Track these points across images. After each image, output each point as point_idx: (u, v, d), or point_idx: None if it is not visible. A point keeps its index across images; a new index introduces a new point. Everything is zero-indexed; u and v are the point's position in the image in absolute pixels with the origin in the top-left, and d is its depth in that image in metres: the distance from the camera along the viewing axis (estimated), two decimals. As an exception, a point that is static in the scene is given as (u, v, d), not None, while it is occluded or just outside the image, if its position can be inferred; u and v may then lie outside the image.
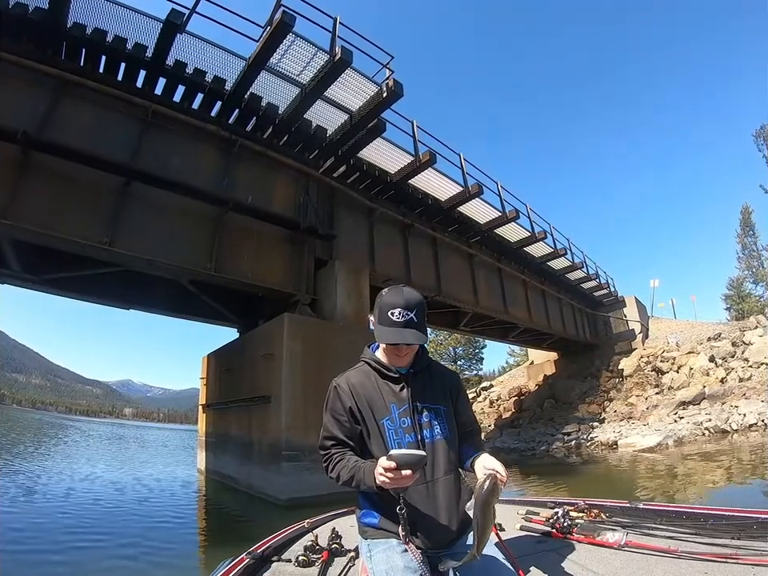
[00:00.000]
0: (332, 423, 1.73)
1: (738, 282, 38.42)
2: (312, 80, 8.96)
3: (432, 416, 1.69)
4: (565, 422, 20.25)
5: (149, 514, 7.89)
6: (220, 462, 11.77)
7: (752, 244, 38.53)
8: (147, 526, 6.97)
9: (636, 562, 2.02)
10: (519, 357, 44.14)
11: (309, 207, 10.73)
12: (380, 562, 1.57)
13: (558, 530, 2.50)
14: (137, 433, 55.46)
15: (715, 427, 13.99)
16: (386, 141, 11.12)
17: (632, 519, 2.61)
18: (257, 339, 10.51)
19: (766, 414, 13.59)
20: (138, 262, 8.86)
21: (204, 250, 9.27)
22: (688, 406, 17.06)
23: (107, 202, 8.40)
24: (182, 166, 9.31)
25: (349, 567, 2.21)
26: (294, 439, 8.61)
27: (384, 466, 1.38)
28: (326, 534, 2.56)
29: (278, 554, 2.39)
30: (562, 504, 2.90)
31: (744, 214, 38.98)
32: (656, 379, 20.44)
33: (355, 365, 1.90)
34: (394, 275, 12.69)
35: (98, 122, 8.59)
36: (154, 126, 9.18)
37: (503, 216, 14.80)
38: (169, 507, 8.71)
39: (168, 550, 5.82)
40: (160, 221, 8.97)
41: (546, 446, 17.76)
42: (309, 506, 7.92)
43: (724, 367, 18.70)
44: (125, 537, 6.18)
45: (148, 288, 11.29)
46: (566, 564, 2.09)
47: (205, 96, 9.55)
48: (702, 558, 1.92)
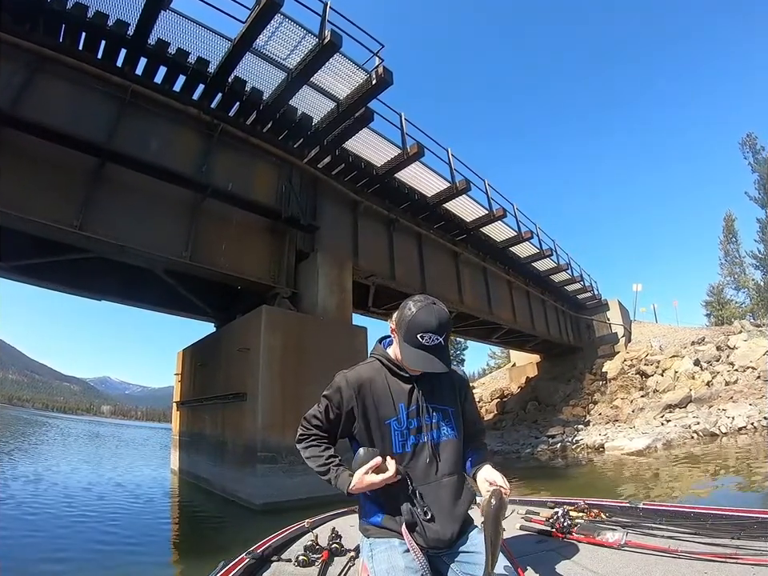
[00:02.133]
0: (326, 410, 1.74)
1: (718, 288, 38.85)
2: (299, 64, 8.62)
3: (440, 417, 1.70)
4: (549, 425, 20.16)
5: (110, 519, 7.28)
6: (193, 462, 11.30)
7: (734, 251, 38.94)
8: (104, 530, 6.47)
9: (636, 561, 2.00)
10: (501, 359, 44.28)
11: (291, 196, 10.36)
12: (381, 562, 1.55)
13: (558, 529, 2.46)
14: (114, 431, 54.54)
15: (704, 430, 13.94)
16: (374, 132, 10.81)
17: (632, 519, 2.57)
18: (233, 333, 10.10)
19: (755, 417, 13.58)
20: (109, 248, 8.41)
21: (180, 238, 8.86)
22: (675, 409, 17.05)
23: (80, 184, 7.96)
24: (161, 149, 8.91)
25: (349, 567, 2.19)
26: (270, 440, 8.19)
27: (368, 468, 1.54)
28: (326, 533, 2.52)
29: (277, 554, 2.37)
30: (562, 504, 2.84)
31: (727, 222, 39.42)
32: (640, 382, 20.53)
33: (366, 360, 1.84)
34: (378, 271, 12.45)
35: (75, 101, 8.18)
36: (133, 107, 8.77)
37: (490, 214, 14.61)
38: (136, 511, 8.15)
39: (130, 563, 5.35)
40: (134, 205, 8.55)
41: (531, 448, 17.56)
42: (286, 511, 7.47)
43: (709, 371, 18.79)
44: (81, 547, 5.71)
45: (122, 278, 10.75)
46: (565, 564, 2.06)
47: (187, 78, 9.16)
48: (701, 557, 1.90)
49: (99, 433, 45.09)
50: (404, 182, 12.58)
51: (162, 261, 9.01)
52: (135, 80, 8.79)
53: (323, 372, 9.28)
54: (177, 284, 10.18)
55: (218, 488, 9.43)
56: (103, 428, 63.23)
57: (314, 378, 9.01)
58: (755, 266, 36.60)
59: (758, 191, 35.86)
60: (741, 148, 37.36)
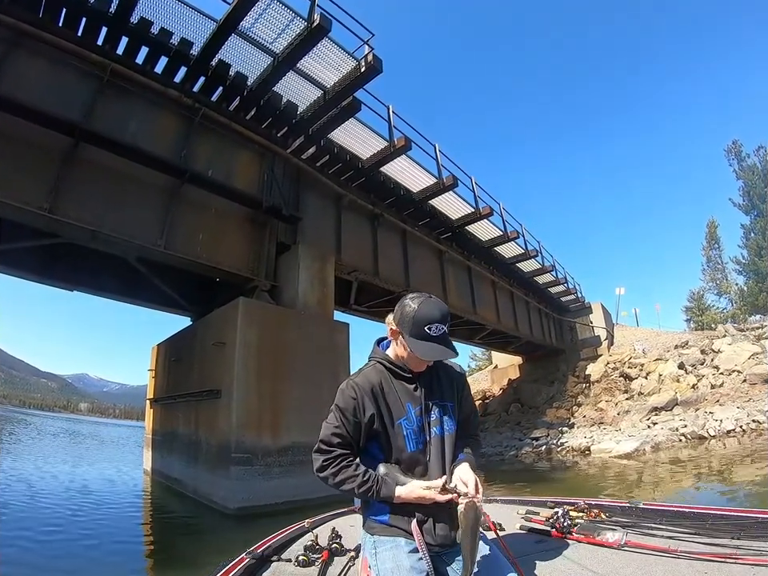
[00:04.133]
0: (343, 423, 1.66)
1: (698, 294, 39.38)
2: (286, 48, 8.29)
3: (441, 412, 1.73)
4: (533, 427, 20.11)
5: (78, 525, 6.66)
6: (166, 462, 10.77)
7: (717, 257, 39.81)
8: (71, 539, 5.92)
9: (636, 561, 2.01)
10: (481, 361, 44.25)
11: (274, 186, 10.01)
12: (386, 560, 1.56)
13: (558, 529, 2.46)
14: (93, 429, 53.78)
15: (692, 433, 13.94)
16: (360, 123, 10.53)
17: (632, 519, 2.59)
18: (209, 326, 9.65)
19: (744, 419, 13.63)
20: (80, 234, 7.98)
21: (155, 225, 8.48)
22: (660, 411, 17.10)
23: (51, 165, 7.54)
24: (138, 130, 8.54)
25: (349, 567, 2.19)
26: (245, 440, 7.78)
27: (434, 492, 1.55)
28: (326, 533, 2.53)
29: (277, 554, 2.38)
30: (561, 504, 2.87)
31: (710, 228, 40.14)
32: (625, 385, 20.60)
33: (366, 363, 1.86)
34: (361, 267, 12.17)
35: (51, 78, 7.77)
36: (112, 87, 8.36)
37: (476, 212, 14.41)
38: (102, 515, 7.48)
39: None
40: (108, 189, 8.13)
41: (515, 450, 17.44)
42: (262, 516, 7.15)
43: (694, 374, 18.91)
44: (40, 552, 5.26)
45: (95, 268, 10.31)
46: (565, 564, 2.08)
47: (169, 60, 8.79)
48: (701, 557, 1.91)
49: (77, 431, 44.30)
50: (390, 176, 12.32)
51: (136, 248, 8.60)
52: (115, 59, 8.40)
53: (303, 369, 8.89)
54: (151, 274, 9.74)
55: (190, 490, 8.94)
56: (81, 426, 62.37)
57: (293, 374, 8.70)
58: (738, 271, 37.45)
59: (743, 198, 36.89)
60: (726, 155, 38.30)
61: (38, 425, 46.63)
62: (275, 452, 8.05)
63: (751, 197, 36.08)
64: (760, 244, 34.70)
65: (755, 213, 35.99)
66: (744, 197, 36.80)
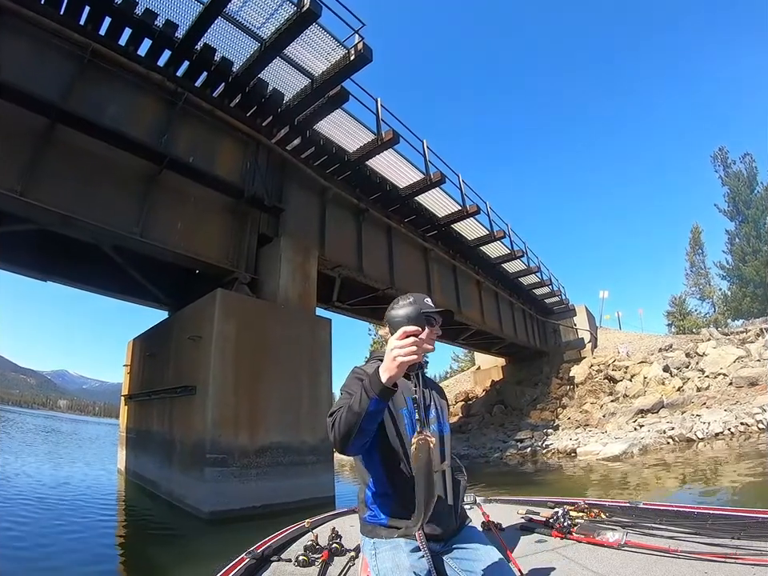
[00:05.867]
0: (357, 383, 1.59)
1: (679, 299, 39.95)
2: (274, 33, 8.03)
3: (437, 413, 1.78)
4: (517, 429, 20.10)
5: (40, 531, 6.21)
6: (140, 462, 10.34)
7: (700, 262, 40.76)
8: (31, 545, 5.50)
9: (636, 561, 2.02)
10: (464, 362, 44.30)
11: (256, 175, 9.73)
12: (386, 560, 1.54)
13: (558, 529, 2.49)
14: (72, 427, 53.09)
15: (680, 436, 13.92)
16: (348, 114, 10.27)
17: (632, 519, 2.61)
18: (185, 320, 9.28)
19: (732, 422, 13.62)
20: (52, 218, 7.60)
21: (132, 212, 8.12)
22: (647, 414, 17.17)
23: (25, 146, 7.15)
24: (118, 113, 8.18)
25: (349, 567, 2.20)
26: (221, 439, 7.36)
27: (398, 335, 1.35)
28: (326, 533, 2.54)
29: (277, 554, 2.39)
30: (562, 504, 2.89)
31: (694, 234, 41.20)
32: (609, 387, 20.73)
33: (368, 362, 1.89)
34: (345, 262, 11.93)
35: (29, 56, 7.39)
36: (93, 68, 7.99)
37: (463, 210, 14.27)
38: (68, 518, 7.02)
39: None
40: (84, 173, 7.75)
41: (500, 452, 17.30)
42: (237, 521, 6.83)
43: (680, 377, 19.04)
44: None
45: (70, 257, 9.97)
46: (565, 564, 2.08)
47: (153, 42, 8.46)
48: (701, 557, 1.92)
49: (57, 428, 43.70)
50: (376, 170, 12.08)
51: (111, 236, 8.24)
52: (98, 40, 8.05)
53: (283, 365, 8.55)
54: (126, 264, 9.40)
55: (164, 492, 8.50)
56: (60, 423, 61.42)
57: (272, 371, 8.39)
58: (722, 276, 38.15)
59: (728, 204, 37.52)
60: (712, 162, 39.03)
61: (17, 422, 45.98)
62: (252, 453, 7.69)
63: (736, 203, 36.72)
64: (744, 249, 35.29)
65: (740, 218, 36.62)
66: (729, 203, 37.48)
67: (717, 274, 38.73)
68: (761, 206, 35.33)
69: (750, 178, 36.63)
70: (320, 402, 9.02)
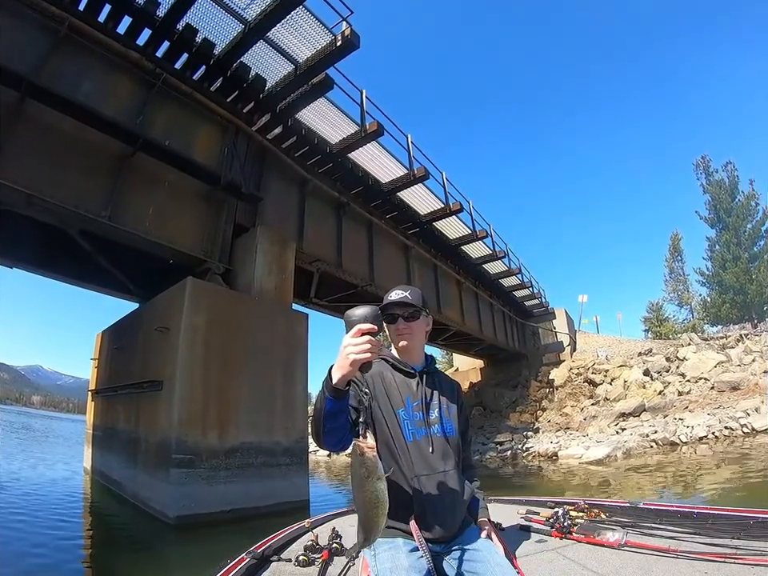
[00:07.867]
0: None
1: (657, 306, 40.60)
2: (260, 14, 7.70)
3: (442, 413, 1.77)
4: (496, 431, 20.06)
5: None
6: (106, 461, 9.83)
7: (679, 269, 42.00)
8: None
9: (636, 561, 2.01)
10: (441, 365, 44.30)
11: (235, 162, 9.33)
12: (385, 561, 1.52)
13: (558, 529, 2.47)
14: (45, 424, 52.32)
15: (664, 439, 14.00)
16: (331, 104, 9.96)
17: (632, 519, 2.59)
18: (154, 311, 8.82)
19: (716, 426, 13.75)
20: (14, 198, 7.08)
21: (101, 194, 7.68)
22: (628, 417, 17.29)
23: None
24: (93, 91, 7.73)
25: (349, 567, 2.13)
26: (188, 438, 6.91)
27: (352, 333, 1.31)
28: (326, 533, 2.51)
29: (277, 554, 2.37)
30: (562, 504, 2.87)
31: (674, 240, 42.49)
32: (590, 390, 20.94)
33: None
34: (323, 257, 11.66)
35: (1, 28, 6.84)
36: (69, 43, 7.55)
37: (446, 208, 14.10)
38: (24, 519, 6.51)
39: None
40: (51, 151, 7.30)
41: (479, 455, 17.16)
42: (204, 526, 6.42)
43: (660, 381, 19.24)
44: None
45: (38, 243, 9.39)
46: (565, 564, 2.07)
47: (133, 20, 8.07)
48: (701, 557, 1.92)
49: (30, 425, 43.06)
50: (359, 163, 11.82)
51: (78, 220, 7.76)
52: (75, 14, 7.64)
53: (256, 360, 8.07)
54: (95, 251, 8.86)
55: (130, 494, 8.00)
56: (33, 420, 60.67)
57: (245, 366, 8.01)
58: (701, 282, 39.24)
59: (709, 211, 38.59)
60: (694, 170, 40.16)
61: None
62: (222, 453, 7.26)
63: (717, 210, 37.67)
64: (725, 256, 36.14)
65: (720, 226, 37.54)
66: (710, 210, 38.49)
67: (696, 281, 39.79)
68: (741, 213, 36.26)
69: (731, 186, 37.57)
70: (295, 400, 8.70)
